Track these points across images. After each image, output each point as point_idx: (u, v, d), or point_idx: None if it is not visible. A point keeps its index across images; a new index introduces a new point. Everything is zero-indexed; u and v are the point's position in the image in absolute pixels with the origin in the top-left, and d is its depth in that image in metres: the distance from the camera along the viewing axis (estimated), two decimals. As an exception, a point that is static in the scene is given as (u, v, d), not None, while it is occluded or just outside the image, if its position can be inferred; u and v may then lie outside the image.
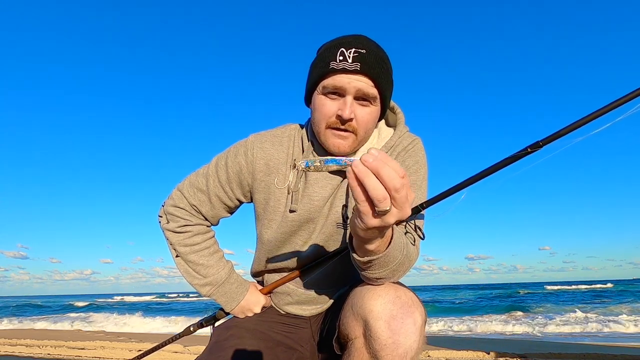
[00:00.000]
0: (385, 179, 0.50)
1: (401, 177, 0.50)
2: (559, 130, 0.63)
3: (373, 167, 0.50)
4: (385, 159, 0.51)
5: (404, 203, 0.52)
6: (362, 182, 0.50)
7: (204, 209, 1.02)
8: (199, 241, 1.03)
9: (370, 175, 0.50)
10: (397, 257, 0.72)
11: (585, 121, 0.61)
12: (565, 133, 0.62)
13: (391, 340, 0.70)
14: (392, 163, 0.51)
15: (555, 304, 12.92)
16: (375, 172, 0.50)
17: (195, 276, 1.03)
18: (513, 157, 0.66)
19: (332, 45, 0.87)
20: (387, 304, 0.72)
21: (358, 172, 0.50)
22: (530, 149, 0.63)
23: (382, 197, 0.50)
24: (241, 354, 0.94)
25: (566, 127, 0.62)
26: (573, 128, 0.61)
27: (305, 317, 1.07)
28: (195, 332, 1.15)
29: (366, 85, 0.84)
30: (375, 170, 0.50)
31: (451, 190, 0.81)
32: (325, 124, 0.88)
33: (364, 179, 0.50)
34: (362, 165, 0.50)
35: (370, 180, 0.50)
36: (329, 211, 0.95)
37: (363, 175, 0.50)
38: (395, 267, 0.74)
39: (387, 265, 0.72)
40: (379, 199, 0.51)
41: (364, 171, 0.50)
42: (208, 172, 1.02)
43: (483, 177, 0.72)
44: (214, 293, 1.03)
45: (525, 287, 32.16)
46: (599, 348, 3.91)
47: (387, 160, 0.50)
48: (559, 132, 0.62)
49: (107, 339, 5.33)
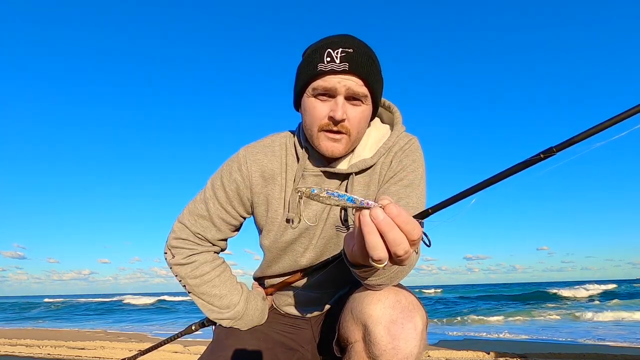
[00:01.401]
0: (390, 243, 0.45)
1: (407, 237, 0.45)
2: (574, 136, 0.61)
3: (381, 228, 0.44)
4: (399, 217, 0.44)
5: (404, 261, 0.48)
6: (364, 235, 0.45)
7: (209, 234, 1.00)
8: (208, 270, 1.00)
9: (375, 234, 0.45)
10: (395, 266, 0.71)
11: (601, 127, 0.59)
12: (580, 140, 0.60)
13: (391, 346, 0.69)
14: (402, 220, 0.45)
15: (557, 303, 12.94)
16: (383, 233, 0.45)
17: (212, 310, 1.00)
18: (525, 162, 0.64)
19: (318, 46, 0.85)
20: (386, 309, 0.71)
21: (364, 226, 0.45)
22: (543, 154, 0.62)
23: (377, 258, 0.45)
24: (242, 354, 0.94)
25: (581, 133, 0.61)
26: (588, 135, 0.60)
27: (306, 318, 1.07)
28: (196, 330, 1.14)
29: (356, 84, 0.82)
30: (383, 232, 0.44)
31: (461, 195, 0.80)
32: (318, 126, 0.86)
33: (367, 235, 0.45)
34: (369, 220, 0.45)
35: (371, 239, 0.45)
36: (328, 215, 0.95)
37: (367, 231, 0.45)
38: (394, 274, 0.73)
39: (386, 274, 0.71)
40: (374, 259, 0.46)
41: (370, 227, 0.45)
42: (206, 197, 1.00)
43: (494, 182, 0.70)
44: (234, 324, 1.01)
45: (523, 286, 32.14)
46: (599, 348, 3.91)
47: (399, 219, 0.44)
48: (573, 139, 0.61)
49: (107, 339, 5.32)
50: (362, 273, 0.67)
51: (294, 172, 0.95)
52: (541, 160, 0.63)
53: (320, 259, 0.98)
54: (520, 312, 9.69)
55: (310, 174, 0.94)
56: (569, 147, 0.60)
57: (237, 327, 1.01)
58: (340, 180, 0.95)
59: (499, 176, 0.67)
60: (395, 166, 0.93)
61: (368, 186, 0.94)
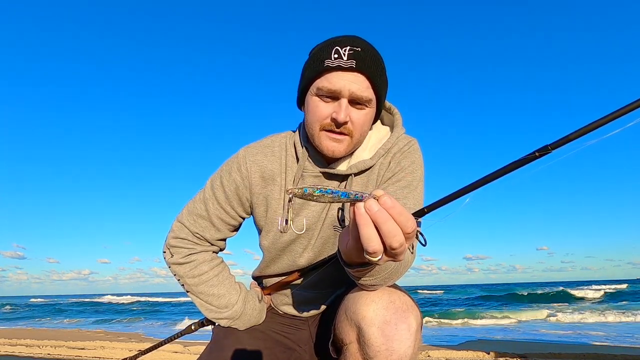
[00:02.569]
0: (385, 235, 0.44)
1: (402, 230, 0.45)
2: (569, 134, 0.61)
3: (376, 219, 0.44)
4: (393, 209, 0.44)
5: (398, 255, 0.47)
6: (359, 228, 0.45)
7: (208, 234, 1.00)
8: (206, 269, 1.00)
9: (370, 225, 0.44)
10: (389, 266, 0.70)
11: (597, 125, 0.59)
12: (575, 137, 0.60)
13: (384, 347, 0.69)
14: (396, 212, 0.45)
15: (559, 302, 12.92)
16: (377, 225, 0.44)
17: (210, 309, 1.00)
18: (520, 161, 0.64)
19: (326, 44, 0.85)
20: (380, 310, 0.71)
21: (358, 217, 0.45)
22: (538, 153, 0.61)
23: (373, 250, 0.45)
24: (240, 353, 0.94)
25: (576, 130, 0.60)
26: (584, 132, 0.59)
27: (303, 318, 1.07)
28: (196, 330, 1.14)
29: (361, 87, 0.82)
30: (377, 223, 0.44)
31: (455, 194, 0.79)
32: (320, 126, 0.86)
33: (361, 227, 0.45)
34: (364, 211, 0.44)
35: (366, 231, 0.45)
36: (326, 215, 0.95)
37: (362, 223, 0.44)
38: (389, 275, 0.73)
39: (380, 274, 0.71)
40: (369, 252, 0.46)
41: (365, 219, 0.44)
42: (205, 196, 1.00)
43: (488, 181, 0.70)
44: (232, 324, 1.01)
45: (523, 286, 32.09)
46: (599, 348, 3.90)
47: (393, 210, 0.44)
48: (568, 136, 0.60)
49: (107, 339, 5.32)
50: (356, 272, 0.66)
51: (294, 173, 0.95)
52: (536, 158, 0.63)
53: (318, 259, 0.98)
54: (521, 312, 9.68)
55: (309, 175, 0.94)
56: (565, 144, 0.60)
57: (235, 326, 1.00)
58: (339, 181, 0.95)
59: (493, 175, 0.67)
60: (394, 167, 0.93)
61: (366, 187, 0.94)
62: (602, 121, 0.60)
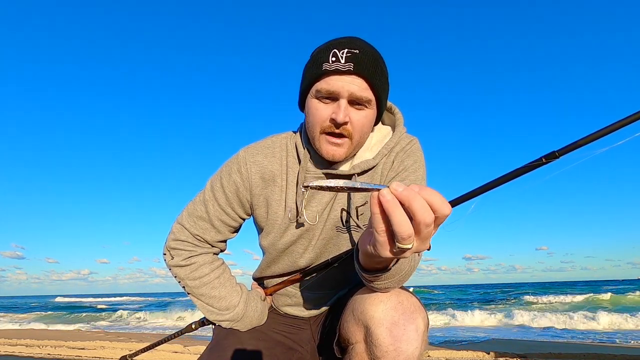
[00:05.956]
0: (417, 211, 0.44)
1: (434, 211, 0.44)
2: (577, 140, 0.60)
3: (404, 198, 0.44)
4: (421, 189, 0.44)
5: (427, 239, 0.47)
6: (389, 214, 0.45)
7: (208, 236, 0.99)
8: (207, 272, 1.00)
9: (399, 208, 0.44)
10: (404, 268, 0.71)
11: (606, 131, 0.58)
12: (584, 144, 0.59)
13: (392, 347, 0.69)
14: (427, 193, 0.45)
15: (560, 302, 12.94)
16: (407, 203, 0.44)
17: (212, 311, 1.00)
18: (527, 167, 0.63)
19: (324, 47, 0.85)
20: (389, 310, 0.72)
21: (386, 203, 0.45)
22: (545, 159, 0.61)
23: (407, 235, 0.45)
24: (241, 353, 0.94)
25: (585, 137, 0.59)
26: (592, 139, 0.58)
27: (305, 318, 1.07)
28: (196, 329, 1.13)
29: (360, 88, 0.82)
30: (407, 201, 0.44)
31: (460, 199, 0.79)
32: (320, 128, 0.86)
33: (392, 213, 0.44)
34: (392, 195, 0.44)
35: (397, 215, 0.44)
36: (328, 215, 0.94)
37: (392, 209, 0.44)
38: (402, 277, 0.73)
39: (394, 277, 0.71)
40: (403, 237, 0.45)
41: (393, 203, 0.44)
42: (205, 198, 0.99)
43: (493, 187, 0.69)
44: (234, 326, 1.01)
45: (523, 286, 32.14)
46: (599, 348, 3.91)
47: (422, 191, 0.44)
48: (577, 142, 0.59)
49: (107, 339, 5.31)
50: (371, 277, 0.67)
51: (295, 174, 0.95)
52: (543, 164, 0.62)
53: (319, 259, 0.98)
54: (520, 312, 9.68)
55: (312, 176, 0.94)
56: (573, 151, 0.59)
57: (236, 328, 1.00)
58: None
59: (499, 180, 0.66)
60: (397, 166, 0.93)
61: None
62: (612, 128, 0.59)
